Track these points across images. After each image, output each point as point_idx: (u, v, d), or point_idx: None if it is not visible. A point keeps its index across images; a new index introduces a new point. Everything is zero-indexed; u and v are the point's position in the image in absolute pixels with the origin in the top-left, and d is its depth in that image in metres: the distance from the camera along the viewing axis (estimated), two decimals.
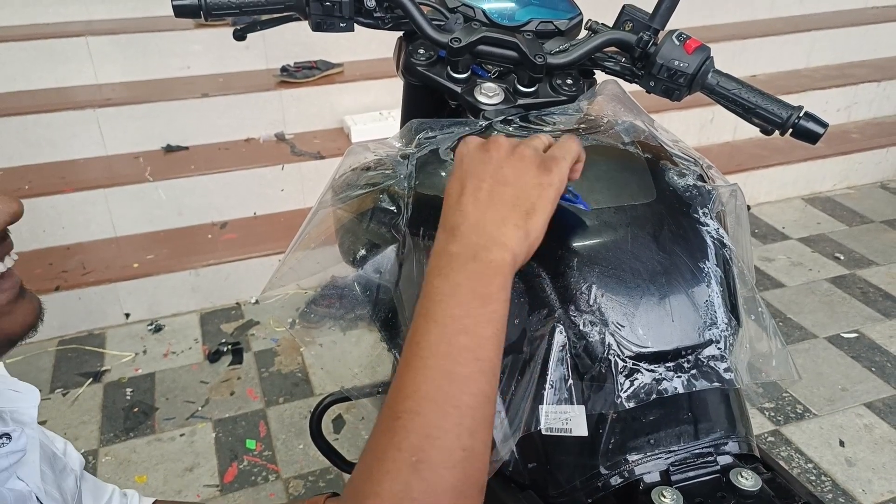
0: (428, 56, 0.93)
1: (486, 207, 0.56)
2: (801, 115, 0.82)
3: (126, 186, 2.40)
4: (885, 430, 1.91)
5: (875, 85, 3.45)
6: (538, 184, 0.57)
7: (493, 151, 0.59)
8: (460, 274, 0.54)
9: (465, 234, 0.55)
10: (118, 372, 2.11)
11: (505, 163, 0.58)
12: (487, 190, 0.57)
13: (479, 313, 0.53)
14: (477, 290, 0.53)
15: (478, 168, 0.58)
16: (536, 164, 0.58)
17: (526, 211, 0.56)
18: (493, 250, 0.54)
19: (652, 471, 0.62)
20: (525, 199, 0.56)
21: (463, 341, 0.52)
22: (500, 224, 0.55)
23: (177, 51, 2.77)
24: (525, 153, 0.59)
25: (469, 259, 0.54)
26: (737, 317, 0.67)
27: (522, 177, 0.57)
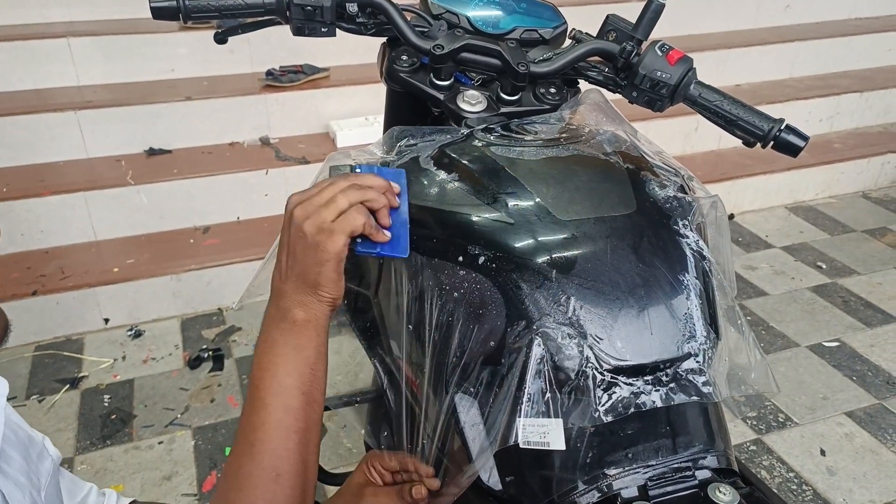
0: (411, 63, 0.92)
1: (287, 278, 0.68)
2: (782, 128, 0.82)
3: (107, 190, 2.37)
4: (865, 439, 1.92)
5: (857, 95, 3.49)
6: (316, 262, 0.66)
7: (290, 227, 0.67)
8: (276, 331, 0.68)
9: (276, 299, 0.69)
10: (96, 378, 2.08)
11: (295, 240, 0.67)
12: (286, 263, 0.68)
13: (297, 359, 0.68)
14: (289, 342, 0.68)
15: (284, 242, 0.69)
16: (315, 244, 0.65)
17: (311, 285, 0.67)
18: (295, 311, 0.68)
19: (630, 485, 0.62)
20: (308, 275, 0.66)
21: (289, 382, 0.67)
22: (296, 291, 0.68)
23: (160, 53, 2.75)
24: (306, 230, 0.65)
25: (280, 319, 0.68)
26: (716, 329, 0.66)
27: (305, 255, 0.66)
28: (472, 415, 0.68)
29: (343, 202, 0.66)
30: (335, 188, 0.67)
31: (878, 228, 3.03)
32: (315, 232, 0.65)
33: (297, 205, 0.67)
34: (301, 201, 0.67)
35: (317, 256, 0.65)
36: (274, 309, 0.69)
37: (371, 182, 0.69)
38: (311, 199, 0.67)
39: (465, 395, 0.69)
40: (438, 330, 0.69)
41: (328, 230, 0.65)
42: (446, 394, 0.70)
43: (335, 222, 0.65)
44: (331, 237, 0.65)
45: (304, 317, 0.68)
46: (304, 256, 0.66)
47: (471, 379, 0.67)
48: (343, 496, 0.85)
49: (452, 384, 0.69)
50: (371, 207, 0.68)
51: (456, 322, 0.67)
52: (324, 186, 0.68)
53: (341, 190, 0.66)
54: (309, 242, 0.65)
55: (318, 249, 0.65)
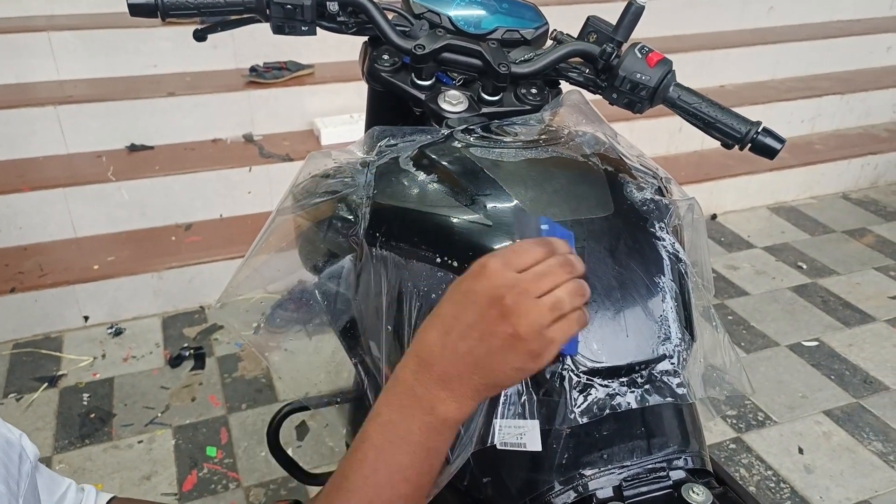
0: (392, 62, 0.92)
1: (459, 363, 0.54)
2: (759, 131, 0.83)
3: (87, 186, 2.34)
4: (842, 438, 1.94)
5: (838, 97, 3.53)
6: (518, 368, 0.54)
7: (491, 313, 0.53)
8: (415, 421, 0.55)
9: (432, 382, 0.55)
10: (75, 377, 2.06)
11: (499, 333, 0.53)
12: (469, 348, 0.54)
13: (424, 465, 0.56)
14: (426, 443, 0.56)
15: (469, 320, 0.54)
16: (528, 350, 0.53)
17: (490, 386, 0.55)
18: (449, 407, 0.55)
19: (605, 486, 0.62)
20: (497, 376, 0.54)
21: (403, 490, 0.56)
22: (464, 385, 0.55)
23: (143, 48, 2.72)
24: (526, 334, 0.52)
25: (427, 410, 0.55)
26: (691, 331, 0.67)
27: (507, 356, 0.53)
28: None
29: (566, 304, 0.54)
30: (555, 279, 0.54)
31: (858, 229, 3.07)
32: (534, 335, 0.53)
33: (512, 288, 0.53)
34: (514, 284, 0.53)
35: (524, 363, 0.53)
36: (417, 395, 0.56)
37: (581, 268, 0.56)
38: (529, 286, 0.53)
39: None
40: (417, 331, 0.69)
41: (548, 340, 0.53)
42: None
43: (555, 328, 0.53)
44: (548, 348, 0.53)
45: (457, 416, 0.55)
46: (507, 357, 0.53)
47: None
48: None
49: None
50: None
51: None
52: (541, 271, 0.54)
53: (565, 287, 0.54)
54: (521, 345, 0.53)
55: (530, 357, 0.53)
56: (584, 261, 0.65)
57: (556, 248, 0.57)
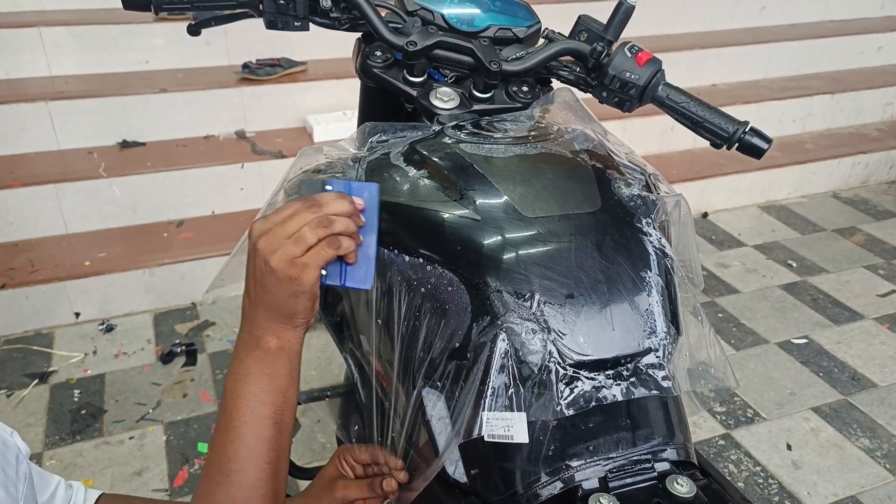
0: (385, 58, 0.93)
1: (257, 307, 0.67)
2: (746, 131, 0.84)
3: (78, 182, 2.34)
4: (830, 434, 1.96)
5: (829, 97, 3.56)
6: (290, 294, 0.65)
7: (256, 259, 0.65)
8: (249, 358, 0.68)
9: (248, 327, 0.68)
10: (66, 373, 2.05)
11: (263, 272, 0.65)
12: (255, 292, 0.66)
13: (270, 388, 0.68)
14: (263, 370, 0.68)
15: (251, 272, 0.67)
16: (287, 278, 0.64)
17: (285, 315, 0.66)
18: (268, 339, 0.67)
19: (591, 477, 0.63)
20: (281, 306, 0.66)
21: (263, 411, 0.67)
22: (268, 320, 0.67)
23: (135, 44, 2.71)
24: (275, 265, 0.64)
25: (254, 347, 0.68)
26: (676, 325, 0.68)
27: (277, 287, 0.65)
28: (439, 408, 0.69)
29: (311, 238, 0.64)
30: (301, 219, 0.65)
31: (848, 228, 3.09)
32: (286, 266, 0.64)
33: (262, 236, 0.65)
34: (265, 232, 0.65)
35: (290, 289, 0.64)
36: (247, 335, 0.69)
37: (338, 208, 0.66)
38: (276, 230, 0.64)
39: (432, 390, 0.70)
40: (406, 325, 0.70)
41: (300, 265, 0.64)
42: (414, 388, 0.71)
43: (306, 256, 0.64)
44: (304, 271, 0.64)
45: (278, 344, 0.68)
46: (276, 289, 0.65)
47: (437, 373, 0.68)
48: (314, 489, 0.86)
49: (420, 378, 0.70)
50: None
51: (423, 317, 0.68)
52: (288, 215, 0.65)
53: (308, 223, 0.64)
54: (280, 276, 0.64)
55: (292, 283, 0.64)
56: (572, 255, 0.66)
57: (315, 200, 0.66)
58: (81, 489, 0.83)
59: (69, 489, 0.82)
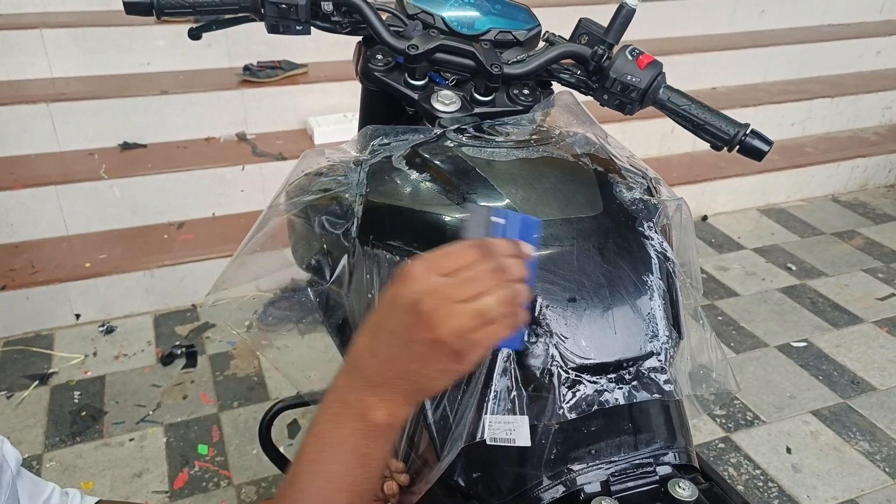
0: (386, 62, 0.93)
1: (388, 371, 0.54)
2: (747, 133, 0.84)
3: (79, 184, 2.34)
4: (829, 437, 1.96)
5: (828, 101, 3.56)
6: (443, 370, 0.54)
7: (418, 326, 0.52)
8: (346, 428, 0.55)
9: (361, 388, 0.56)
10: (66, 374, 2.05)
11: (422, 340, 0.52)
12: (393, 354, 0.54)
13: (358, 473, 0.56)
14: (359, 449, 0.55)
15: (392, 326, 0.54)
16: (451, 352, 0.52)
17: (419, 390, 0.56)
18: (379, 412, 0.55)
19: (593, 481, 0.63)
20: (422, 379, 0.54)
21: (341, 499, 0.56)
22: (395, 390, 0.55)
23: (136, 46, 2.72)
24: (447, 339, 0.52)
25: (358, 416, 0.55)
26: (678, 329, 0.68)
27: (431, 360, 0.53)
28: (441, 411, 0.69)
29: (493, 311, 0.52)
30: (482, 283, 0.52)
31: (847, 231, 3.10)
32: (455, 341, 0.52)
33: (431, 293, 0.52)
34: (436, 289, 0.52)
35: (447, 365, 0.53)
36: (354, 399, 0.56)
37: (518, 272, 0.55)
38: (451, 291, 0.52)
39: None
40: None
41: (472, 342, 0.52)
42: None
43: (481, 333, 0.52)
44: (473, 350, 0.53)
45: (388, 421, 0.55)
46: (430, 360, 0.53)
47: None
48: None
49: None
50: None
51: None
52: (464, 269, 0.53)
53: (492, 293, 0.53)
54: (443, 350, 0.52)
55: (454, 359, 0.53)
56: (574, 259, 0.66)
57: (492, 250, 0.54)
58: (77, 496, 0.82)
59: (64, 496, 0.81)
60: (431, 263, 0.53)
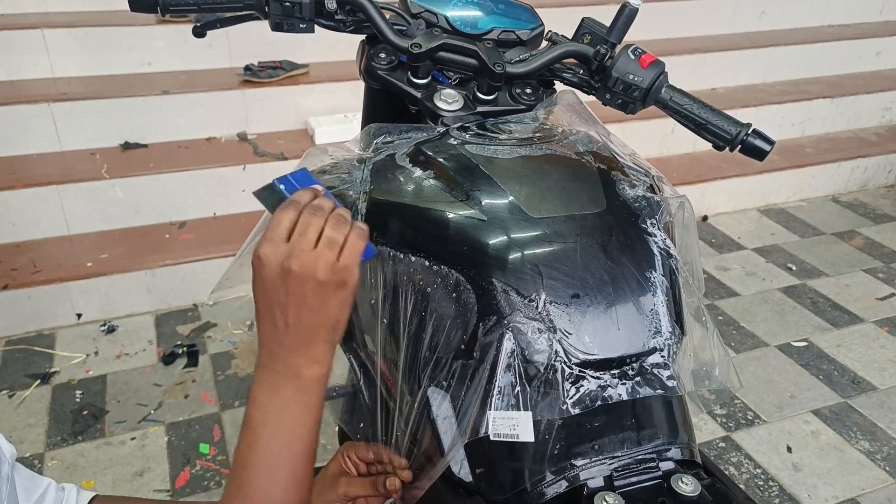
0: (389, 60, 0.93)
1: (300, 332, 0.62)
2: (749, 132, 0.85)
3: (81, 183, 2.34)
4: (830, 437, 1.97)
5: (828, 101, 3.57)
6: (339, 302, 0.62)
7: (291, 283, 0.60)
8: (286, 389, 0.63)
9: (286, 357, 0.63)
10: (68, 373, 2.06)
11: (307, 293, 0.61)
12: (296, 316, 0.61)
13: (307, 421, 0.63)
14: (301, 401, 0.63)
15: (281, 297, 0.61)
16: (334, 284, 0.61)
17: (332, 327, 0.63)
18: (312, 367, 0.63)
19: (596, 476, 0.63)
20: (329, 318, 0.62)
21: (299, 447, 0.63)
22: (312, 344, 0.62)
23: (137, 46, 2.72)
24: (323, 279, 0.60)
25: (292, 377, 0.63)
26: (681, 326, 0.68)
27: (326, 302, 0.61)
28: (445, 408, 0.70)
29: (339, 237, 0.62)
30: (314, 224, 0.62)
31: (847, 231, 3.10)
32: (332, 275, 0.61)
33: (290, 257, 0.61)
34: (291, 252, 0.61)
35: (339, 297, 0.62)
36: (282, 367, 0.63)
37: (324, 202, 0.65)
38: (300, 244, 0.61)
39: (438, 389, 0.70)
40: (412, 325, 0.70)
41: (343, 267, 0.61)
42: (419, 388, 0.71)
43: (343, 257, 0.62)
44: (348, 273, 0.62)
45: (320, 371, 0.64)
46: (325, 303, 0.61)
47: (443, 373, 0.69)
48: (317, 485, 0.86)
49: (425, 378, 0.70)
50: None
51: (429, 317, 0.69)
52: (296, 225, 0.62)
53: (325, 225, 0.62)
54: (328, 288, 0.61)
55: (340, 289, 0.62)
56: (578, 256, 0.67)
57: (299, 202, 0.64)
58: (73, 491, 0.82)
59: (60, 491, 0.80)
60: (269, 238, 0.62)
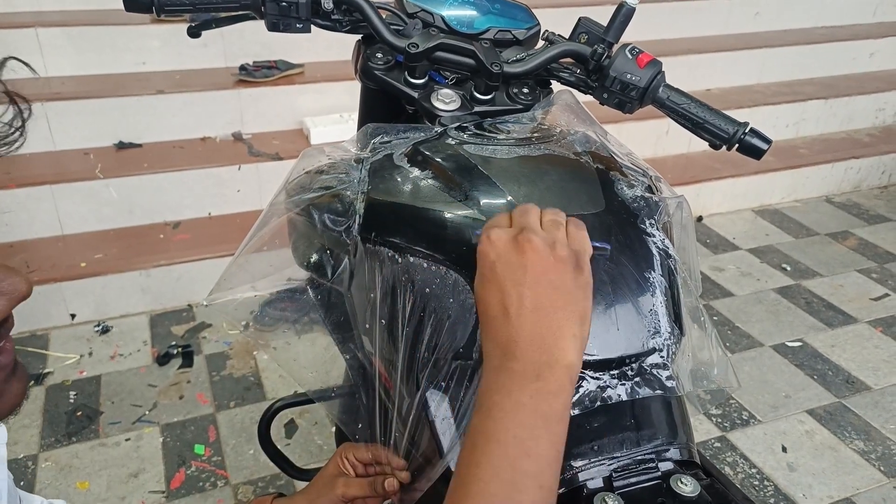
0: (386, 60, 0.93)
1: (541, 318, 0.53)
2: (746, 132, 0.85)
3: (74, 183, 2.33)
4: (825, 436, 1.97)
5: (822, 102, 3.58)
6: (580, 286, 0.55)
7: (529, 254, 0.54)
8: (523, 393, 0.52)
9: (525, 351, 0.53)
10: (62, 374, 2.05)
11: (548, 267, 0.54)
12: (535, 298, 0.53)
13: (543, 435, 0.52)
14: (541, 409, 0.52)
15: (517, 274, 0.54)
16: (573, 266, 0.55)
17: (580, 317, 0.54)
18: (556, 368, 0.52)
19: (595, 477, 0.63)
20: (575, 305, 0.54)
21: (526, 466, 0.51)
22: (559, 337, 0.53)
23: (132, 45, 2.71)
24: (562, 254, 0.55)
25: (532, 378, 0.52)
26: (680, 326, 0.68)
27: (567, 282, 0.54)
28: (443, 409, 0.69)
29: (559, 217, 0.59)
30: (535, 211, 0.60)
31: (841, 232, 3.11)
32: (567, 251, 0.55)
33: (523, 231, 0.56)
34: (524, 227, 0.56)
35: (578, 280, 0.55)
36: (519, 364, 0.53)
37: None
38: (529, 222, 0.57)
39: (436, 390, 0.70)
40: (410, 325, 0.70)
41: (577, 250, 0.56)
42: (418, 389, 0.71)
43: (572, 240, 0.57)
44: (582, 255, 0.56)
45: (567, 376, 0.53)
46: (566, 284, 0.54)
47: (442, 374, 0.68)
48: (315, 486, 0.86)
49: (424, 379, 0.70)
50: None
51: (427, 317, 0.68)
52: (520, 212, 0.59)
53: (543, 213, 0.60)
54: (567, 265, 0.54)
55: (578, 270, 0.55)
56: None
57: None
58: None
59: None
60: (494, 225, 0.58)
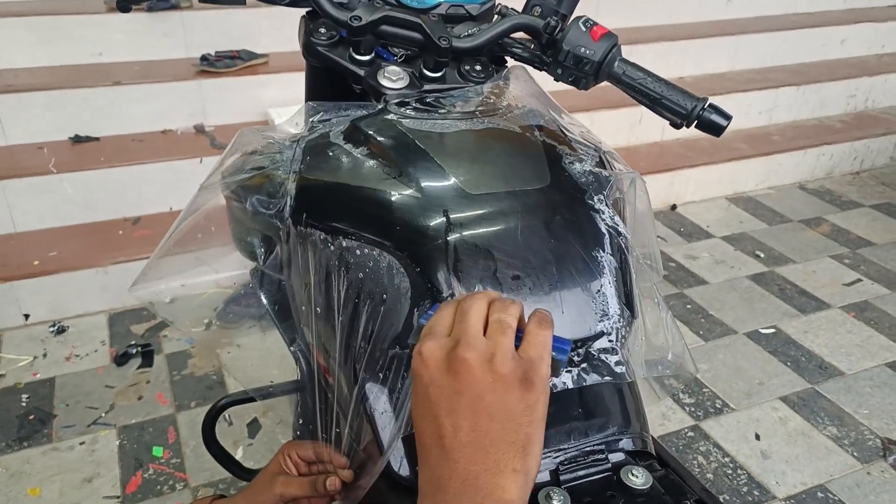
0: (329, 36, 0.88)
1: (476, 454, 0.46)
2: (705, 107, 0.81)
3: (27, 178, 2.24)
4: (798, 423, 1.96)
5: (794, 89, 3.58)
6: (526, 408, 0.46)
7: (463, 375, 0.46)
8: None
9: (460, 490, 0.46)
10: (14, 377, 1.96)
11: (484, 390, 0.46)
12: (471, 429, 0.46)
13: None
14: None
15: (451, 401, 0.47)
16: (518, 382, 0.46)
17: (522, 447, 0.46)
18: (508, 487, 0.45)
19: (541, 470, 0.59)
20: (516, 433, 0.46)
21: None
22: (495, 473, 0.45)
23: (88, 35, 2.62)
24: (502, 372, 0.46)
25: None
26: (631, 308, 0.64)
27: (508, 405, 0.46)
28: (382, 402, 0.65)
29: (509, 318, 0.49)
30: (478, 307, 0.50)
31: (814, 218, 3.11)
32: (511, 365, 0.46)
33: (458, 345, 0.47)
34: (460, 340, 0.48)
35: (525, 400, 0.46)
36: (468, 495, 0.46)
37: (493, 293, 0.53)
38: (467, 330, 0.48)
39: (374, 382, 0.65)
40: (345, 313, 0.65)
41: (526, 360, 0.47)
42: (356, 381, 0.66)
43: (524, 346, 0.48)
44: (534, 369, 0.47)
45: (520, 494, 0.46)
46: (506, 406, 0.46)
47: (379, 364, 0.64)
48: (255, 485, 0.81)
49: (361, 370, 0.65)
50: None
51: (362, 304, 0.64)
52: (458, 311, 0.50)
53: (491, 307, 0.50)
54: (510, 383, 0.46)
55: (525, 387, 0.46)
56: (519, 234, 0.62)
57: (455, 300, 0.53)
58: None
59: None
60: (429, 335, 0.49)
